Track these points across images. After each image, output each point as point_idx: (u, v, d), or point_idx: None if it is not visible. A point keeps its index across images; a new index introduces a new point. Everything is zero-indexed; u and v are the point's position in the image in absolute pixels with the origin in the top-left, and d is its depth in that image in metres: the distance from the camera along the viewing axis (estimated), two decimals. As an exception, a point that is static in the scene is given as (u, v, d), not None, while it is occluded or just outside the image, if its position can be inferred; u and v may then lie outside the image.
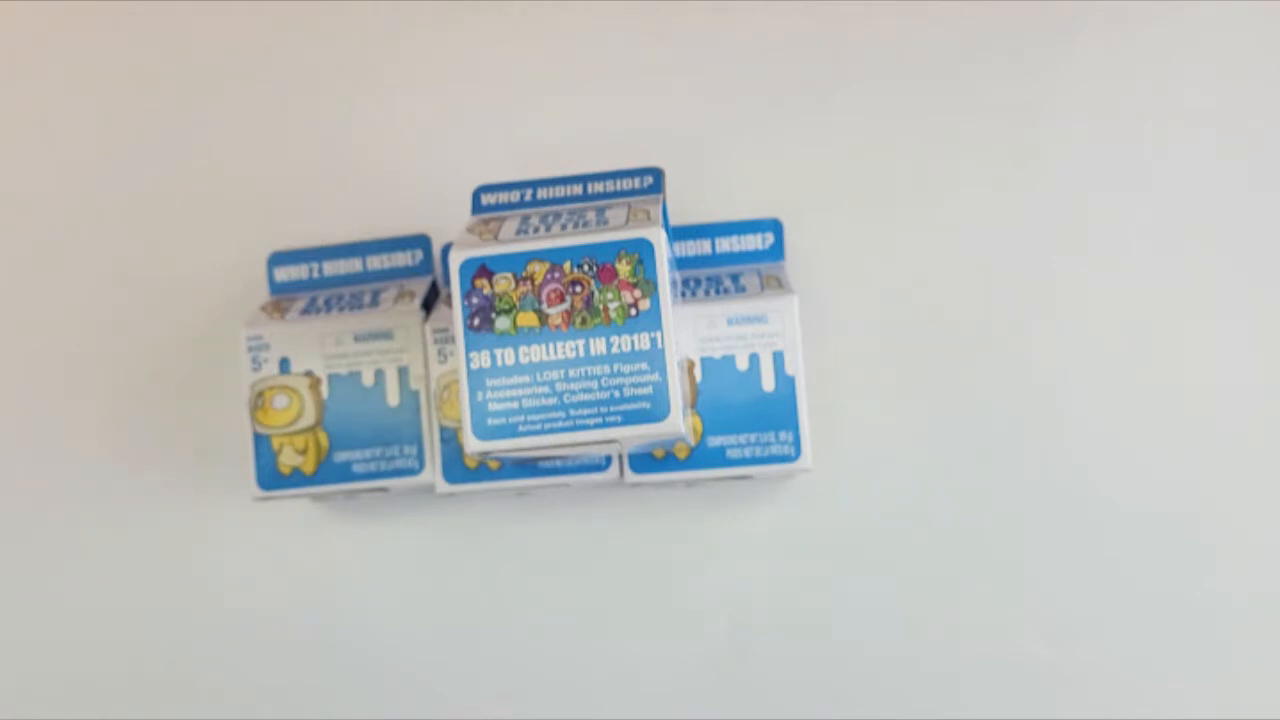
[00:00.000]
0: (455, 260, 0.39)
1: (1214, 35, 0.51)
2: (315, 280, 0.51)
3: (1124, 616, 0.50)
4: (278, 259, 0.51)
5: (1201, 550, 0.49)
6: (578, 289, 0.38)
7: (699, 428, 0.45)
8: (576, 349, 0.38)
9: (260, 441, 0.47)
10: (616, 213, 0.40)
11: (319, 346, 0.47)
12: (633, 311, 0.38)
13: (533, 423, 0.38)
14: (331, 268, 0.51)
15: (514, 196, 0.43)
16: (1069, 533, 0.50)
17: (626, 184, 0.43)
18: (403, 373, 0.47)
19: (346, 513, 0.52)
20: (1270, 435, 0.49)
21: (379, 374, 0.47)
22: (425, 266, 0.51)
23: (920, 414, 0.50)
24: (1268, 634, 0.49)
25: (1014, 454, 0.50)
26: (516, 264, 0.38)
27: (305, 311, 0.48)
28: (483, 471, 0.46)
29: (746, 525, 0.51)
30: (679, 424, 0.38)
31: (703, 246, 0.49)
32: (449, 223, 0.50)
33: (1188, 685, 0.49)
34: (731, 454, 0.45)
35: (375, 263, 0.51)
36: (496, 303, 0.38)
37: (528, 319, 0.38)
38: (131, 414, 0.52)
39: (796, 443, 0.45)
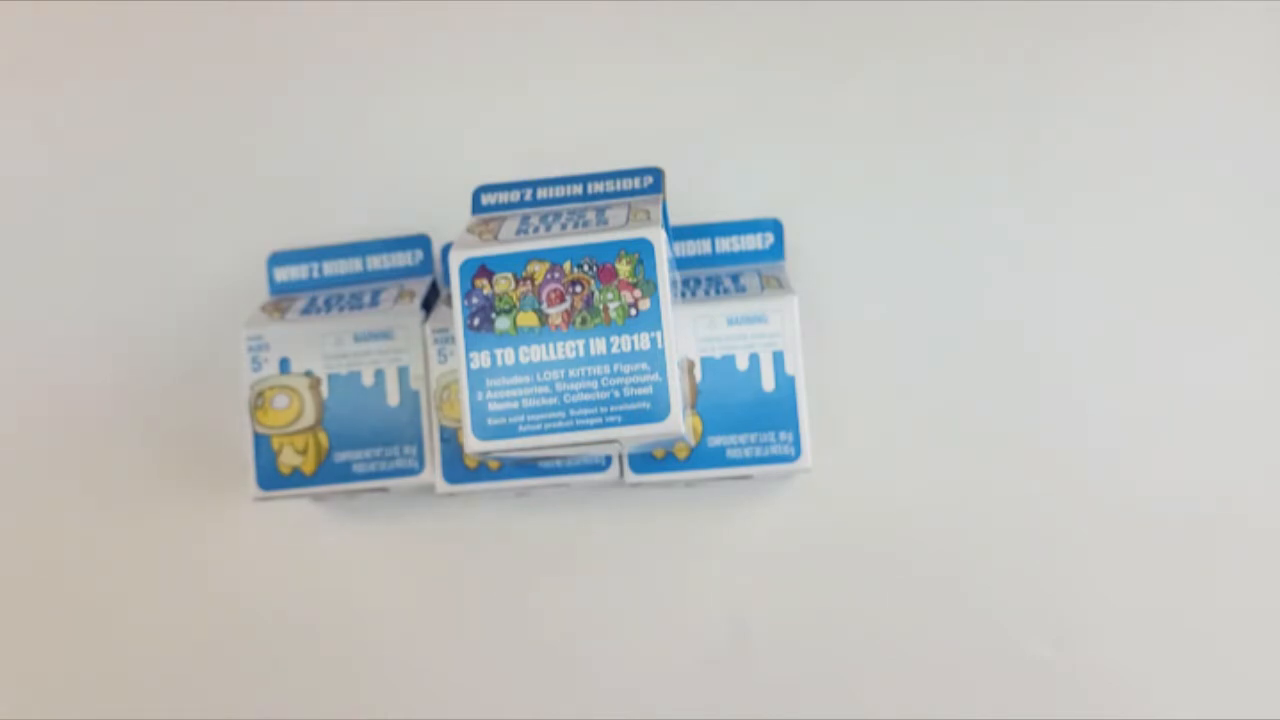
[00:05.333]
0: (455, 260, 0.39)
1: (1216, 34, 0.51)
2: (315, 280, 0.51)
3: (1125, 617, 0.50)
4: (278, 259, 0.51)
5: (1203, 550, 0.49)
6: (578, 289, 0.38)
7: (699, 428, 0.45)
8: (576, 349, 0.38)
9: (260, 441, 0.47)
10: (616, 213, 0.40)
11: (319, 346, 0.47)
12: (633, 311, 0.38)
13: (533, 423, 0.38)
14: (331, 268, 0.51)
15: (514, 196, 0.43)
16: (1069, 532, 0.50)
17: (626, 184, 0.43)
18: (403, 373, 0.47)
19: (346, 513, 0.52)
20: (1272, 435, 0.49)
21: (379, 374, 0.47)
22: (425, 266, 0.51)
23: (920, 414, 0.50)
24: (1269, 635, 0.49)
25: (1014, 454, 0.50)
26: (516, 264, 0.38)
27: (305, 311, 0.48)
28: (483, 471, 0.46)
29: (746, 525, 0.51)
30: (679, 424, 0.38)
31: (703, 246, 0.49)
32: (449, 223, 0.50)
33: (1190, 686, 0.49)
34: (731, 454, 0.45)
35: (375, 263, 0.51)
36: (496, 303, 0.38)
37: (528, 319, 0.38)
38: (131, 414, 0.52)
39: (796, 443, 0.45)
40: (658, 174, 0.43)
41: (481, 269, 0.39)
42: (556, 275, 0.38)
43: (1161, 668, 0.49)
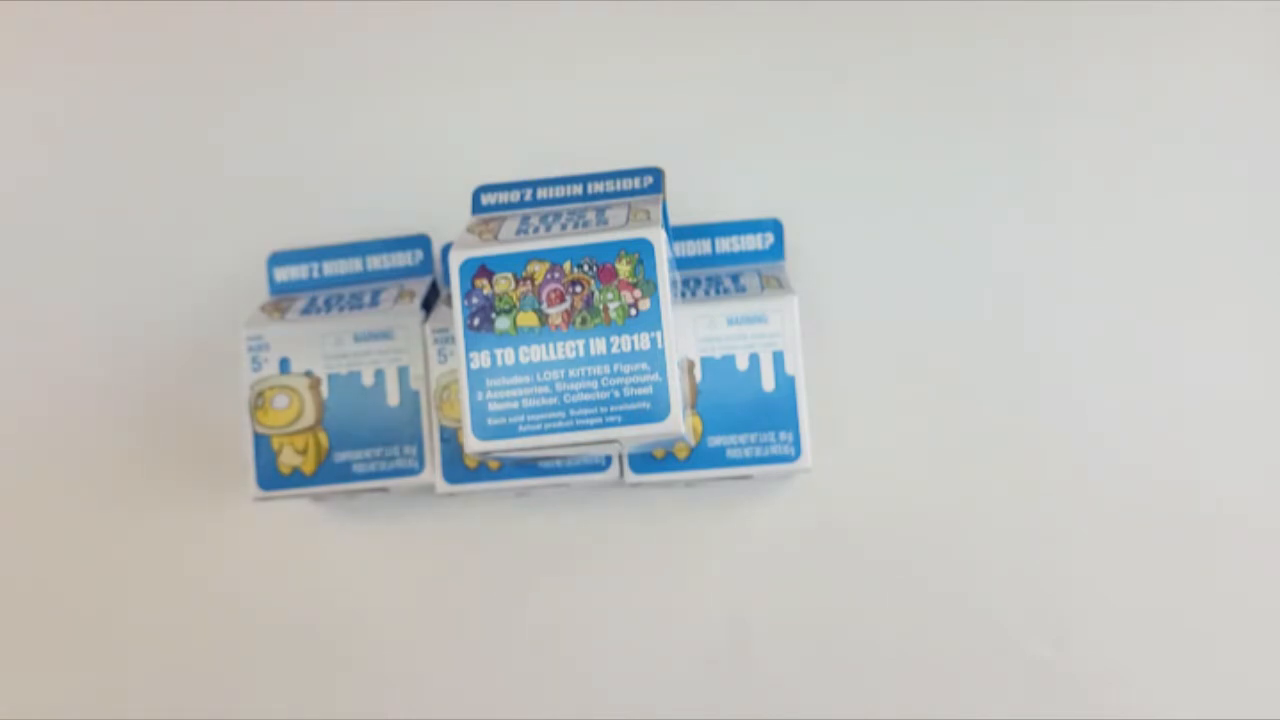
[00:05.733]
0: (455, 260, 0.39)
1: (1216, 34, 0.51)
2: (315, 280, 0.51)
3: (1125, 617, 0.50)
4: (278, 259, 0.51)
5: (1203, 550, 0.49)
6: (578, 289, 0.38)
7: (699, 428, 0.45)
8: (576, 349, 0.38)
9: (260, 441, 0.47)
10: (616, 213, 0.40)
11: (319, 346, 0.47)
12: (633, 311, 0.38)
13: (533, 423, 0.38)
14: (331, 268, 0.51)
15: (514, 196, 0.43)
16: (1069, 532, 0.50)
17: (626, 184, 0.43)
18: (403, 373, 0.47)
19: (346, 513, 0.52)
20: (1272, 435, 0.49)
21: (379, 374, 0.47)
22: (425, 266, 0.51)
23: (920, 414, 0.50)
24: (1269, 635, 0.49)
25: (1014, 454, 0.50)
26: (516, 264, 0.38)
27: (305, 311, 0.48)
28: (483, 471, 0.46)
29: (746, 525, 0.51)
30: (679, 424, 0.38)
31: (703, 246, 0.49)
32: (449, 223, 0.50)
33: (1190, 686, 0.49)
34: (731, 454, 0.45)
35: (375, 263, 0.51)
36: (496, 303, 0.38)
37: (528, 319, 0.38)
38: (131, 414, 0.52)
39: (796, 443, 0.45)
40: (658, 174, 0.43)
41: (481, 269, 0.39)
42: (556, 275, 0.38)
43: (1161, 668, 0.49)
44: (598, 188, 0.43)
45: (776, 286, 0.46)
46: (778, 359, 0.45)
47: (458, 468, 0.46)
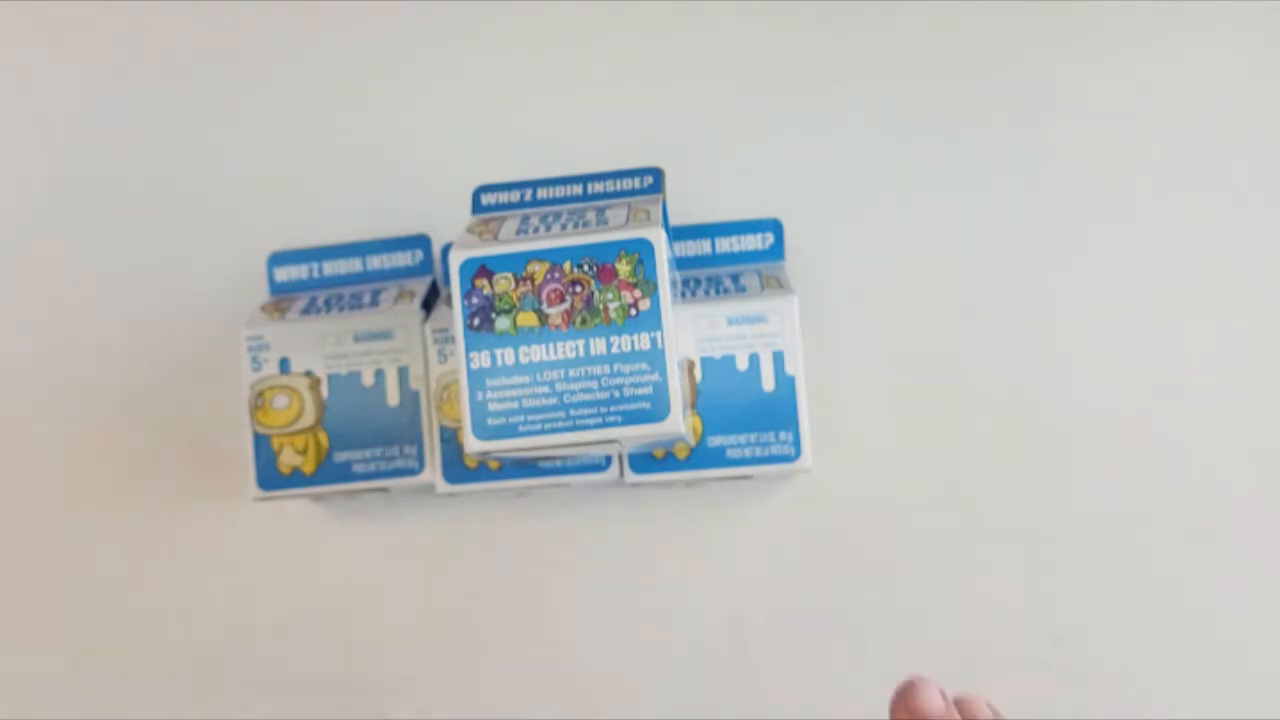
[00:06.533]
0: (455, 260, 0.39)
1: (1216, 34, 0.51)
2: (315, 280, 0.51)
3: (1125, 617, 0.50)
4: (278, 259, 0.51)
5: (1203, 550, 0.49)
6: (578, 289, 0.38)
7: (699, 428, 0.45)
8: (576, 349, 0.38)
9: (260, 441, 0.47)
10: (616, 213, 0.40)
11: (319, 346, 0.47)
12: (633, 311, 0.38)
13: (533, 423, 0.38)
14: (331, 268, 0.51)
15: (514, 196, 0.43)
16: (1069, 533, 0.50)
17: (626, 184, 0.43)
18: (403, 373, 0.47)
19: (346, 513, 0.52)
20: (1273, 435, 0.49)
21: (379, 374, 0.47)
22: (425, 266, 0.51)
23: (920, 414, 0.50)
24: (1269, 635, 0.49)
25: (1013, 454, 0.50)
26: (516, 264, 0.38)
27: (305, 311, 0.48)
28: (483, 471, 0.46)
29: (746, 525, 0.51)
30: (679, 424, 0.38)
31: (703, 246, 0.49)
32: (449, 223, 0.50)
33: (1190, 686, 0.49)
34: (731, 454, 0.45)
35: (375, 263, 0.51)
36: (496, 303, 0.38)
37: (528, 319, 0.38)
38: (132, 414, 0.52)
39: (796, 443, 0.45)
40: (658, 174, 0.43)
41: (481, 269, 0.39)
42: (556, 275, 0.38)
43: (1161, 668, 0.49)
44: (598, 188, 0.43)
45: (776, 286, 0.46)
46: (778, 359, 0.45)
47: (458, 468, 0.46)
